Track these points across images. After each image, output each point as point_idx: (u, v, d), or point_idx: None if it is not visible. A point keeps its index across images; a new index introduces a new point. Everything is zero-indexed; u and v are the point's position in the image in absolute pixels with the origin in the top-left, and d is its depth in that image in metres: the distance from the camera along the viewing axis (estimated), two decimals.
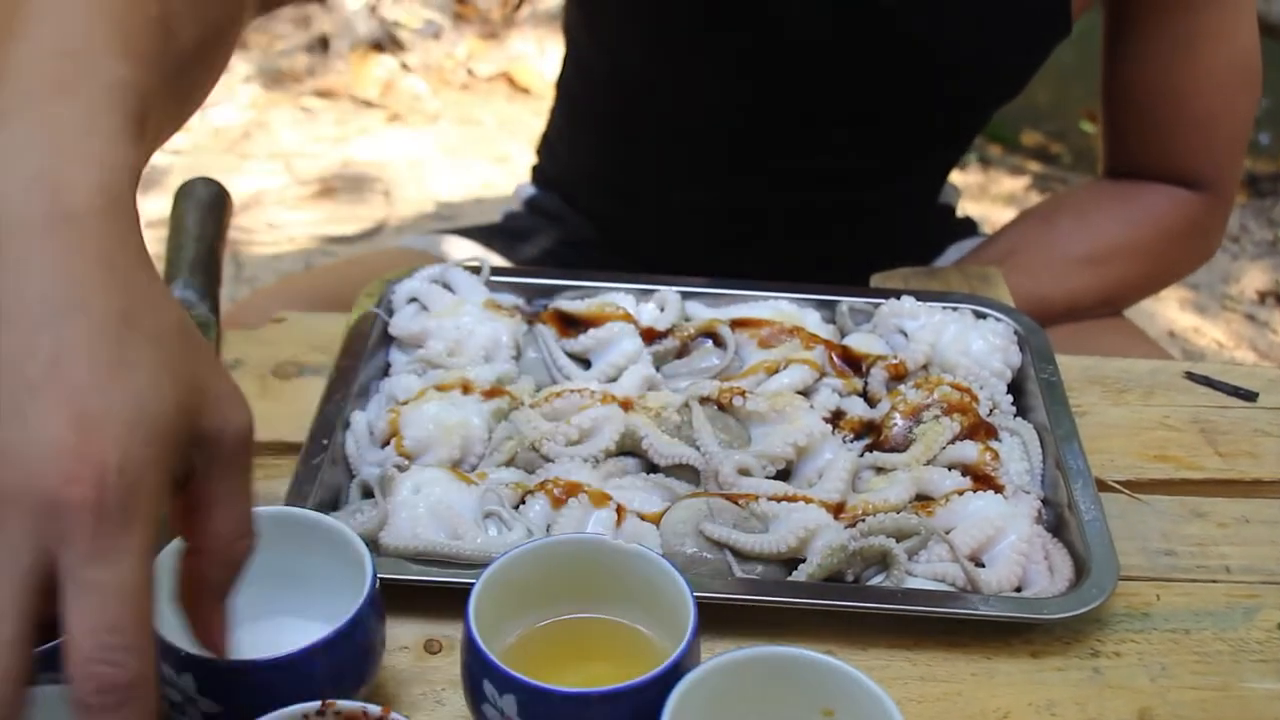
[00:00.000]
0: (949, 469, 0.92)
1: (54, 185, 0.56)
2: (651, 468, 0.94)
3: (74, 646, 0.50)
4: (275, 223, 3.09)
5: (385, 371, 1.03)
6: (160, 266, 1.15)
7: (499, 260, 1.41)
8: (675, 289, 1.08)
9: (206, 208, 1.18)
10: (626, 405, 0.95)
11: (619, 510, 0.87)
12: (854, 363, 1.02)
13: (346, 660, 0.71)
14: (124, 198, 0.58)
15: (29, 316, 0.53)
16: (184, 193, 1.20)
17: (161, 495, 0.54)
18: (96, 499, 0.50)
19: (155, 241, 0.80)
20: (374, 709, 0.65)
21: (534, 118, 3.46)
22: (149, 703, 0.51)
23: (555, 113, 1.50)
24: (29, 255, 0.54)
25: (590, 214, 1.45)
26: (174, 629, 0.69)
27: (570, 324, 1.04)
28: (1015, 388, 1.02)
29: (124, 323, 0.54)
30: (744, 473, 0.91)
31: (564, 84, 1.47)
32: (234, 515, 0.60)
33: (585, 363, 1.02)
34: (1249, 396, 1.06)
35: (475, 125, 3.54)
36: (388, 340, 1.05)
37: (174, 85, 0.70)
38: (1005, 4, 1.19)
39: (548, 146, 1.52)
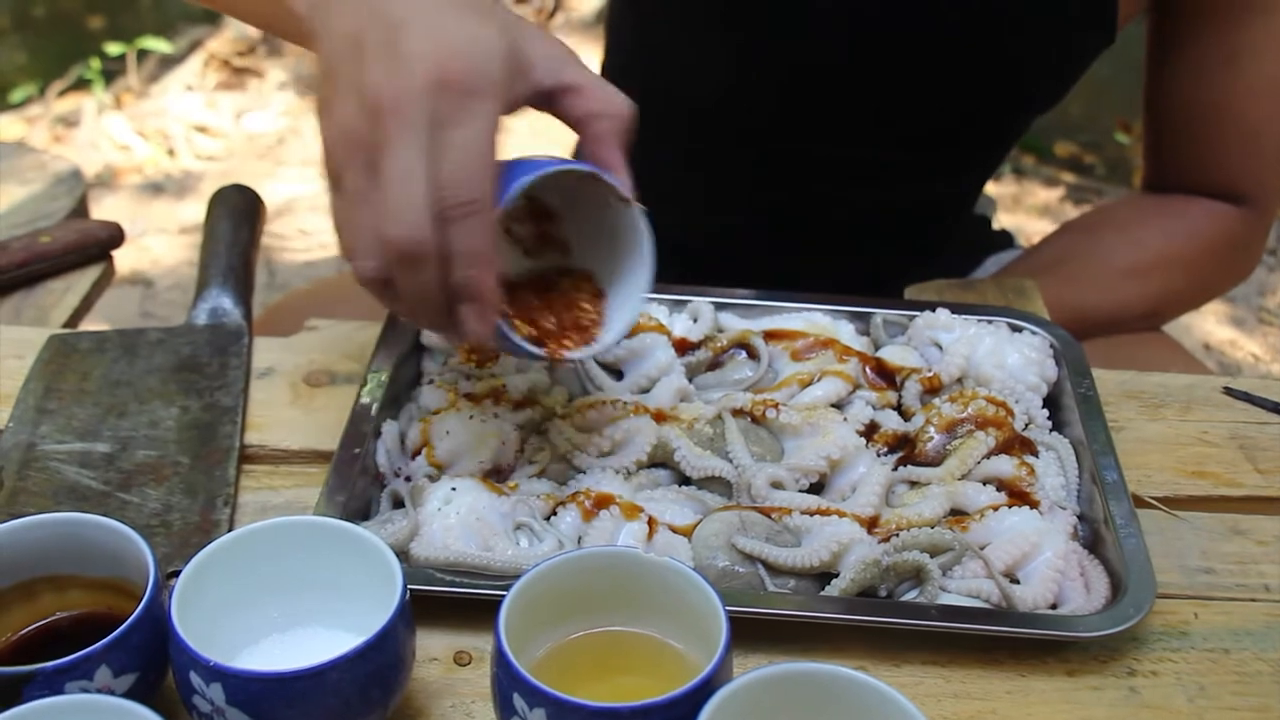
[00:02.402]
0: (984, 484, 0.91)
1: None
2: (683, 480, 0.93)
3: (441, 171, 0.76)
4: (308, 229, 3.10)
5: (417, 381, 1.03)
6: (194, 272, 1.15)
7: None
8: (708, 300, 1.07)
9: (240, 215, 1.18)
10: (659, 417, 0.95)
11: (650, 523, 0.86)
12: (888, 375, 1.02)
13: (376, 671, 0.70)
14: None
15: (405, 12, 0.77)
16: (218, 200, 1.20)
17: (504, 92, 0.79)
18: (462, 80, 0.76)
19: (189, 248, 0.80)
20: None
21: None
22: (487, 208, 0.77)
23: None
24: None
25: None
26: (203, 641, 0.69)
27: None
28: (1051, 402, 1.01)
29: (473, 9, 0.79)
30: (777, 486, 0.90)
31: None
32: (594, 81, 0.85)
33: (618, 373, 1.02)
34: None
35: (508, 132, 3.55)
36: (420, 349, 1.04)
37: None
38: (1051, 8, 1.18)
39: None
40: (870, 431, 0.96)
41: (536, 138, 3.50)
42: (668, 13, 1.28)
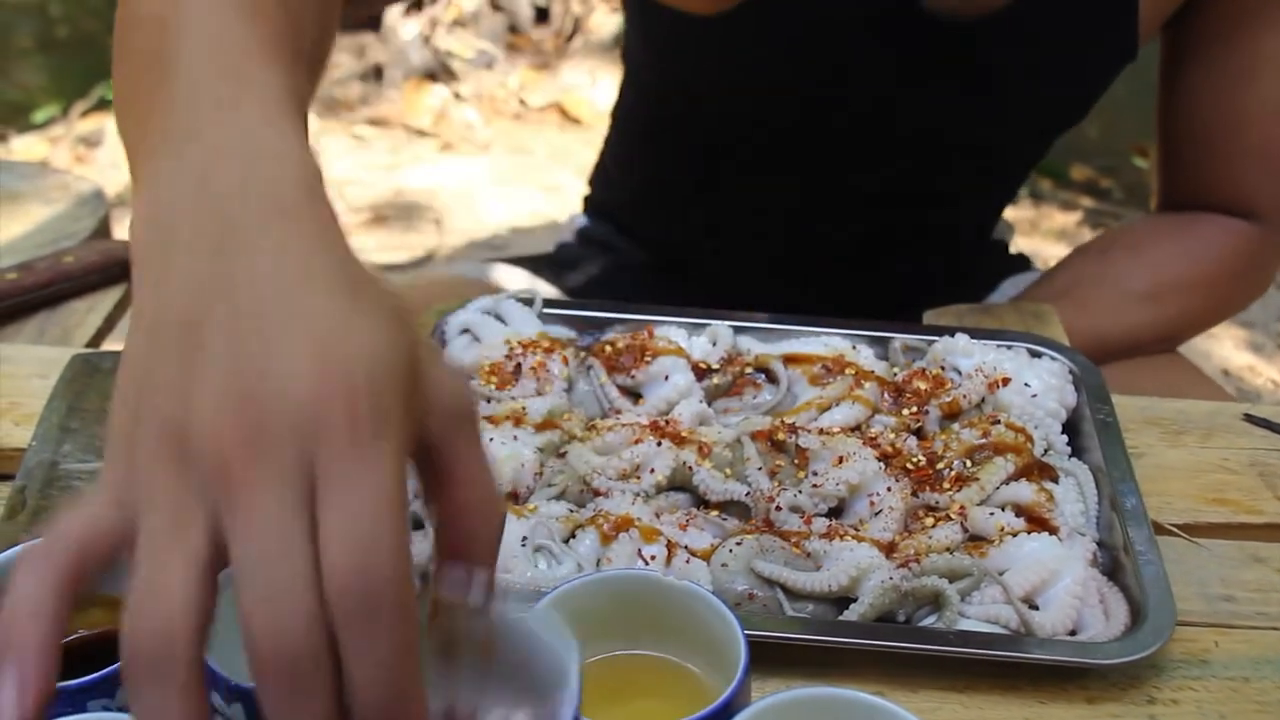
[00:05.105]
0: (1003, 509, 0.91)
1: (263, 188, 0.58)
2: (702, 503, 0.93)
3: (332, 552, 0.50)
4: None
5: None
6: None
7: (548, 288, 1.41)
8: (727, 323, 1.08)
9: None
10: (678, 440, 0.95)
11: (669, 546, 0.86)
12: (907, 396, 1.02)
13: None
14: (323, 192, 0.60)
15: (263, 287, 0.54)
16: None
17: (405, 433, 0.53)
18: (348, 405, 0.51)
19: None
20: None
21: (584, 148, 3.47)
22: (410, 612, 0.51)
23: (611, 140, 1.51)
24: (255, 244, 0.55)
25: (643, 239, 1.45)
26: (224, 660, 0.69)
27: (622, 357, 1.03)
28: (1070, 428, 1.01)
29: (352, 291, 0.55)
30: (795, 510, 0.90)
31: (622, 110, 1.48)
32: (479, 471, 0.58)
33: (636, 396, 1.02)
34: None
35: (526, 155, 3.56)
36: None
37: (310, 88, 0.76)
38: (1074, 29, 1.18)
39: (602, 174, 1.53)
40: (889, 456, 0.96)
41: (555, 158, 3.51)
42: (685, 59, 1.28)
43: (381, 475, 0.51)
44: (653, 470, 0.93)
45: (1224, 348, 2.91)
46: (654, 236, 1.45)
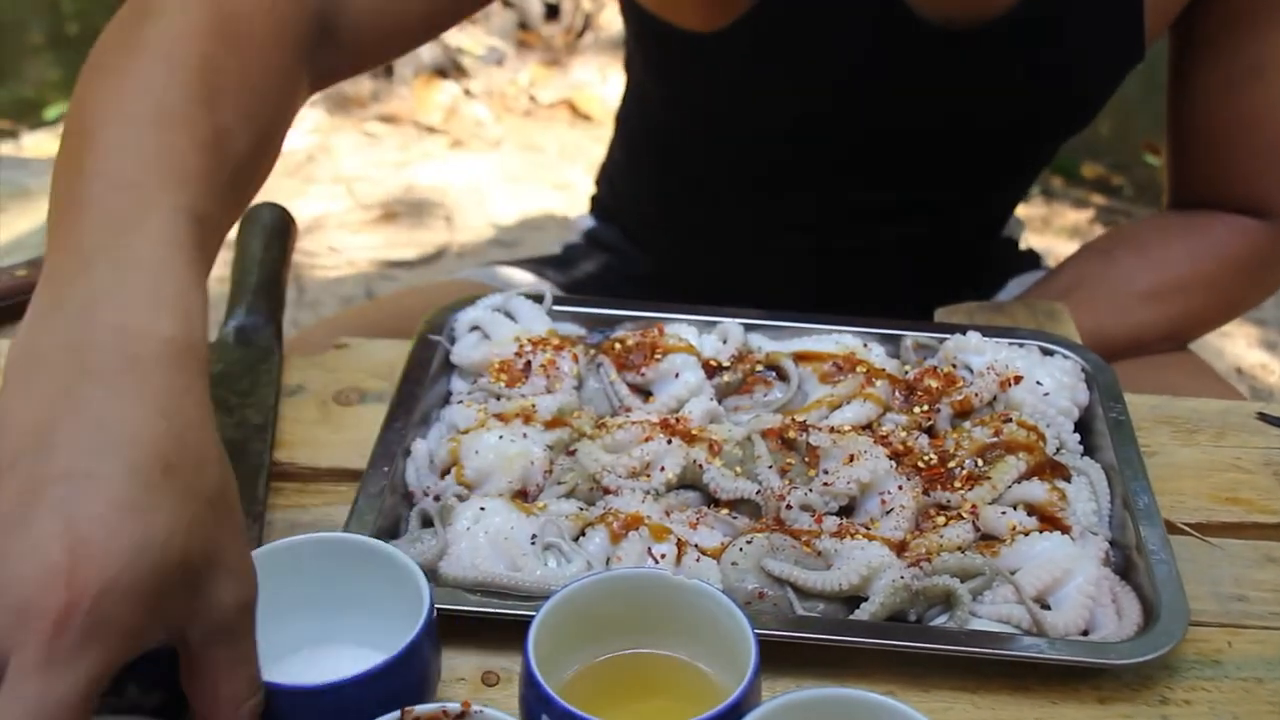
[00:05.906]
0: (1014, 508, 0.91)
1: (127, 335, 0.60)
2: (713, 501, 0.93)
3: None
4: (337, 246, 3.12)
5: (446, 399, 1.03)
6: (224, 289, 1.16)
7: (555, 287, 1.41)
8: (738, 321, 1.07)
9: (271, 233, 1.18)
10: (688, 438, 0.94)
11: (679, 544, 0.86)
12: (918, 394, 1.01)
13: (399, 688, 0.70)
14: (193, 345, 0.62)
15: (75, 446, 0.56)
16: (250, 217, 1.21)
17: (133, 640, 0.54)
18: (63, 614, 0.52)
19: (221, 264, 0.80)
20: (453, 706, 0.64)
21: (595, 144, 3.47)
22: None
23: (615, 146, 1.50)
24: (94, 397, 0.58)
25: (648, 247, 1.45)
26: None
27: (632, 355, 1.03)
28: (1083, 426, 1.01)
29: (163, 471, 0.56)
30: (806, 508, 0.90)
31: (625, 119, 1.47)
32: (237, 681, 0.62)
33: (647, 394, 1.02)
34: None
35: (537, 151, 3.56)
36: (449, 368, 1.05)
37: (229, 195, 0.75)
38: (1080, 31, 1.18)
39: (607, 179, 1.52)
40: (900, 454, 0.96)
41: (565, 155, 3.51)
42: (684, 75, 1.27)
43: (61, 695, 0.51)
44: (663, 468, 0.92)
45: (1236, 346, 2.90)
46: (657, 243, 1.45)
